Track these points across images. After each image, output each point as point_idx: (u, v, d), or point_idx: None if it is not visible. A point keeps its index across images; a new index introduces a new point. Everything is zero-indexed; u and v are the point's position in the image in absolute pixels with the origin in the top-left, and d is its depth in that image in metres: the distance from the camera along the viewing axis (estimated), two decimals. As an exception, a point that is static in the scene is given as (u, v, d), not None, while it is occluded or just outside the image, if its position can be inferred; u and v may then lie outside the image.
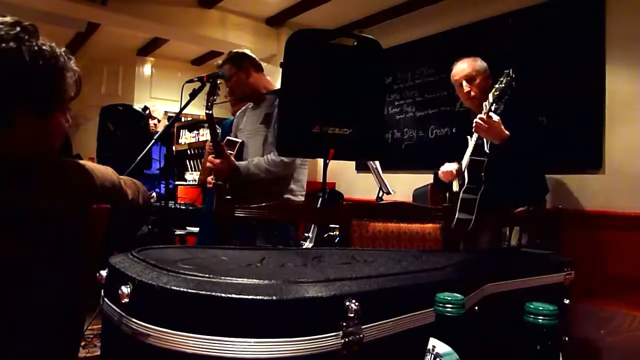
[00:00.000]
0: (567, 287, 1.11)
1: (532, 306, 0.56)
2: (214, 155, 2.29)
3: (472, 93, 2.38)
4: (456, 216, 2.22)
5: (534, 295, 0.67)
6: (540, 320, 0.55)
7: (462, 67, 2.42)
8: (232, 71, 2.47)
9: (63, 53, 1.00)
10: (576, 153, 3.02)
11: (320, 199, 1.99)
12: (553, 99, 3.13)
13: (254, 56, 2.55)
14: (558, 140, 3.03)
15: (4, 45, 0.90)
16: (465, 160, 2.31)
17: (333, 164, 1.77)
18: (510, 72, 2.18)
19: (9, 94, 0.93)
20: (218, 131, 2.32)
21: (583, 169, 3.05)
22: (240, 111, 2.70)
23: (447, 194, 2.47)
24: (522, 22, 3.43)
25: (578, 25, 3.12)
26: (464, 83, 2.40)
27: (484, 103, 2.16)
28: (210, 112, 2.23)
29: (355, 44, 1.76)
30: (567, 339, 0.96)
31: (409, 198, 3.57)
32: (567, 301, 1.08)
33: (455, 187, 2.34)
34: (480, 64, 2.40)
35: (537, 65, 3.24)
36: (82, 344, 1.07)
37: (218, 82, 2.21)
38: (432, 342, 0.58)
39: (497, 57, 2.58)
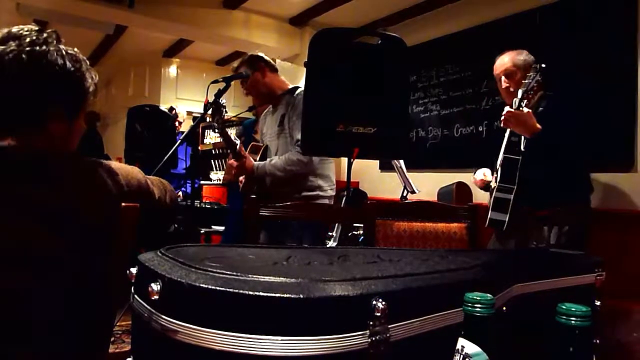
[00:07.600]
0: (598, 289, 1.08)
1: (564, 307, 0.55)
2: (234, 159, 2.44)
3: (511, 89, 2.23)
4: (489, 216, 2.17)
5: (563, 296, 0.65)
6: (573, 322, 0.54)
7: (503, 62, 2.30)
8: (249, 72, 2.55)
9: (84, 59, 1.04)
10: (608, 152, 2.94)
11: (344, 198, 1.99)
12: (583, 95, 3.05)
13: (269, 58, 2.62)
14: (588, 138, 2.95)
15: (37, 48, 0.93)
16: (499, 158, 2.25)
17: (357, 162, 1.76)
18: (538, 67, 2.11)
19: (45, 94, 0.96)
20: (235, 140, 2.45)
21: (615, 168, 2.97)
22: (263, 114, 2.78)
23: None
24: (549, 17, 3.37)
25: (608, 20, 3.04)
26: (503, 78, 2.28)
27: (514, 99, 2.10)
28: (222, 130, 2.43)
29: (379, 42, 1.76)
30: (598, 341, 0.94)
31: (433, 197, 3.54)
32: (598, 303, 1.05)
33: (494, 185, 2.29)
34: (524, 57, 2.26)
35: (566, 62, 3.16)
36: (111, 339, 1.09)
37: (223, 101, 2.35)
38: (461, 342, 0.58)
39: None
